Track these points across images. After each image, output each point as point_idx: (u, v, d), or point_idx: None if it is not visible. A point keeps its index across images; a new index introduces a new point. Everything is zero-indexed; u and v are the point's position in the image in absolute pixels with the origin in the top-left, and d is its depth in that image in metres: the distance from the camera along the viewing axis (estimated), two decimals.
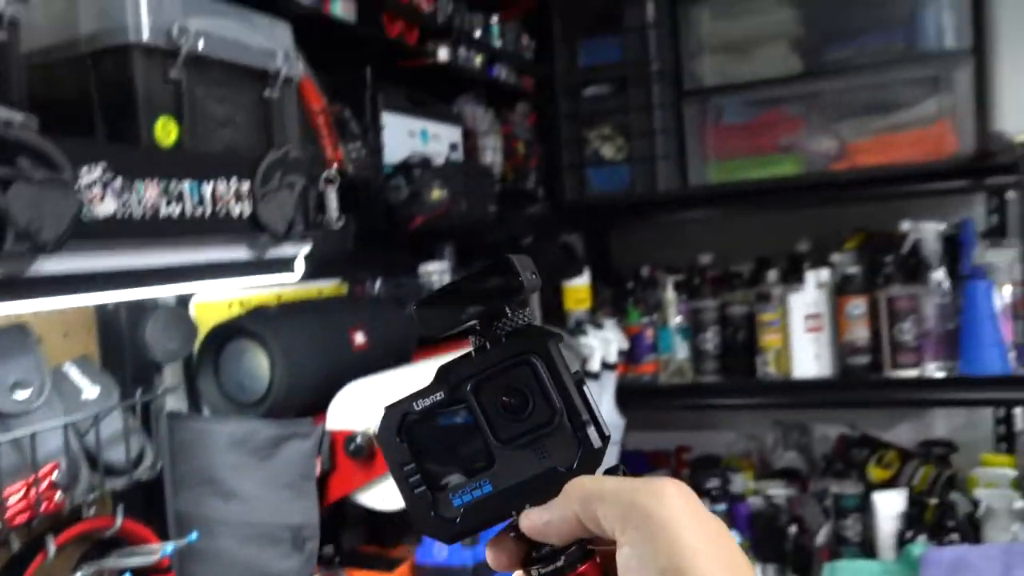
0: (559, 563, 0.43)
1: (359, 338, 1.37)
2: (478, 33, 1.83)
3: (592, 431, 0.44)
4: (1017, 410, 2.33)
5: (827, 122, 2.23)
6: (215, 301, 1.26)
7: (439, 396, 0.45)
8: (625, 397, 2.19)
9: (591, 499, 0.41)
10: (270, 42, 0.92)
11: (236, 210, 0.85)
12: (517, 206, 1.99)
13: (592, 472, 0.44)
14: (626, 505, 0.40)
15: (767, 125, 2.29)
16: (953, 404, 2.21)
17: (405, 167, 1.53)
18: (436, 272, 1.72)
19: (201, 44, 0.81)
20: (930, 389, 2.12)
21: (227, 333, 1.21)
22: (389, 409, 0.46)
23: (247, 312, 1.27)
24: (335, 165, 1.35)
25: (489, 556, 0.45)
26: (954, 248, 2.13)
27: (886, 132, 2.17)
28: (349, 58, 1.57)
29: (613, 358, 2.13)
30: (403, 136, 1.59)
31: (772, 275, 2.30)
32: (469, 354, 0.45)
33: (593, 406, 0.45)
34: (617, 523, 0.40)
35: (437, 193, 1.55)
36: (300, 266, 1.03)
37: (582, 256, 2.25)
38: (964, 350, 2.08)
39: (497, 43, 1.91)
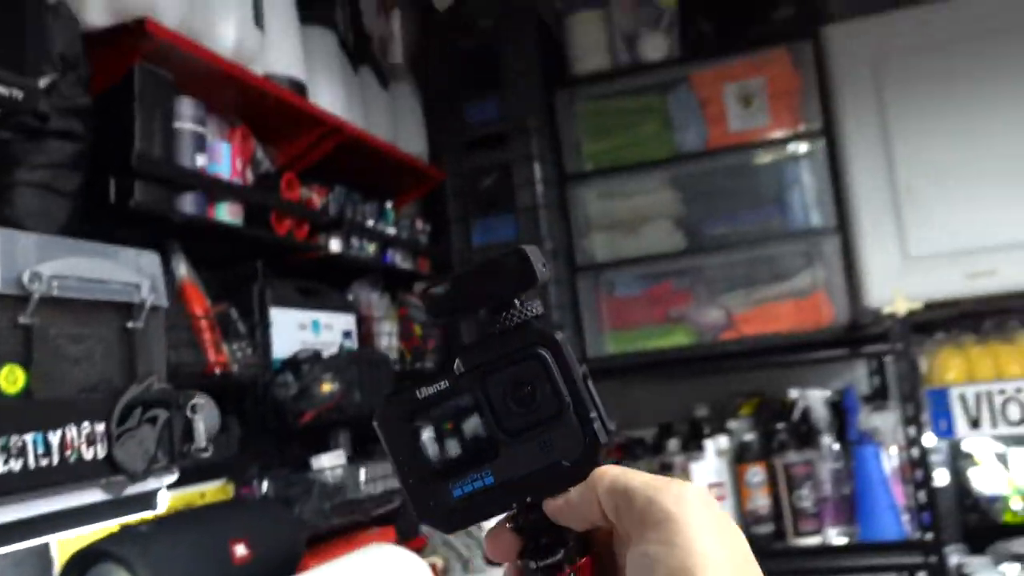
0: (558, 556, 0.43)
1: (240, 550, 1.30)
2: (371, 222, 1.87)
3: (598, 426, 0.43)
4: (920, 574, 2.35)
5: (713, 294, 2.34)
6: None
7: (444, 385, 0.44)
8: None
9: (616, 490, 0.41)
10: (135, 274, 0.92)
11: (88, 454, 0.81)
12: None
13: (595, 467, 0.42)
14: (648, 502, 0.40)
15: (658, 298, 2.38)
16: (856, 571, 2.23)
17: (293, 363, 1.51)
18: (330, 465, 1.67)
19: (56, 288, 0.81)
20: (833, 556, 2.13)
21: (88, 559, 1.13)
22: (391, 396, 0.44)
23: (114, 531, 1.20)
24: (217, 369, 1.33)
25: (487, 546, 0.44)
26: (840, 413, 2.21)
27: (767, 303, 2.29)
28: (238, 256, 1.58)
29: None
30: (293, 329, 1.59)
31: (673, 444, 2.32)
32: (475, 343, 0.44)
33: (598, 402, 0.44)
34: (636, 518, 0.40)
35: (327, 386, 1.53)
36: (163, 499, 0.98)
37: None
38: (861, 515, 2.12)
39: (391, 230, 1.95)
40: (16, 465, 0.73)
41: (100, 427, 0.83)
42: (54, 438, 0.77)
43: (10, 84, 0.83)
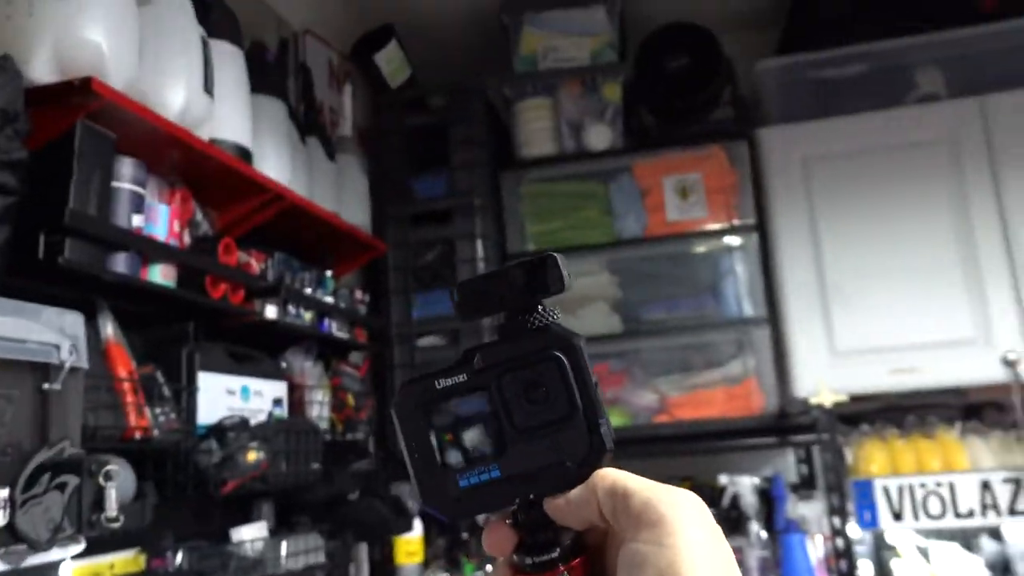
0: (553, 554, 0.44)
1: None
2: (309, 290, 1.86)
3: (605, 431, 0.45)
4: None
5: (647, 377, 2.37)
6: None
7: (462, 378, 0.45)
8: None
9: (615, 491, 0.42)
10: (56, 335, 0.90)
11: None
12: (344, 461, 1.94)
13: (597, 469, 0.44)
14: (644, 504, 0.41)
15: None
16: None
17: (219, 429, 1.47)
18: (250, 538, 1.61)
19: None
20: None
21: None
22: (410, 383, 0.45)
23: None
24: (138, 433, 1.29)
25: (485, 539, 0.45)
26: (769, 501, 2.24)
27: (700, 389, 2.33)
28: (170, 317, 1.55)
29: None
30: (221, 394, 1.55)
31: None
32: (495, 341, 0.45)
33: (604, 410, 0.45)
34: (632, 519, 0.41)
35: (253, 455, 1.50)
36: (67, 571, 0.94)
37: (413, 510, 2.19)
38: None
39: (329, 299, 1.95)
40: None
41: (3, 492, 0.79)
42: None
43: None
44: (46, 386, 0.88)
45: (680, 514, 0.41)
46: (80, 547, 0.88)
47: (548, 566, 0.44)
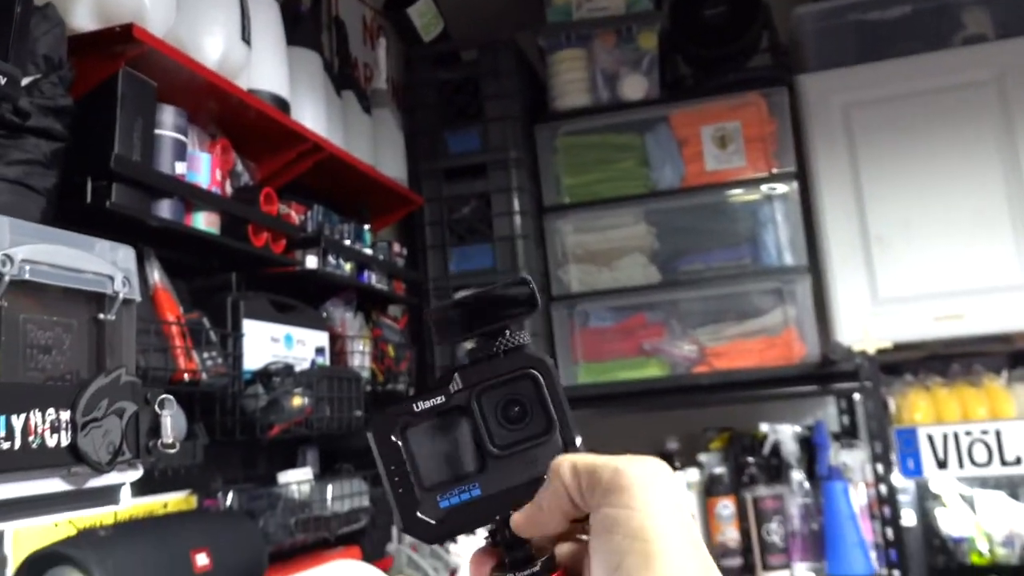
0: (535, 568, 0.44)
1: (202, 559, 1.27)
2: (348, 241, 1.88)
3: (580, 443, 0.46)
4: None
5: (686, 328, 2.36)
6: (39, 524, 1.16)
7: (440, 399, 0.46)
8: None
9: (580, 470, 0.42)
10: (109, 266, 0.92)
11: (52, 441, 0.80)
12: None
13: None
14: (614, 472, 0.41)
15: (631, 330, 2.40)
16: None
17: (264, 374, 1.50)
18: (297, 481, 1.65)
19: (27, 271, 0.80)
20: None
21: (45, 561, 1.11)
22: (388, 407, 0.46)
23: (73, 535, 1.17)
24: (187, 375, 1.32)
25: (471, 566, 0.46)
26: (810, 449, 2.23)
27: (740, 339, 2.31)
28: (214, 264, 1.58)
29: None
30: (265, 341, 1.58)
31: None
32: (472, 363, 0.46)
33: (577, 426, 0.46)
34: (603, 489, 0.41)
35: (298, 400, 1.52)
36: (126, 495, 0.97)
37: None
38: (829, 551, 2.12)
39: (368, 251, 1.96)
40: None
41: (65, 415, 0.82)
42: (17, 422, 0.76)
43: None
44: (101, 316, 0.91)
45: (649, 479, 0.41)
46: (138, 473, 0.91)
47: None
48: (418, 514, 0.45)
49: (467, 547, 1.97)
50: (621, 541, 0.40)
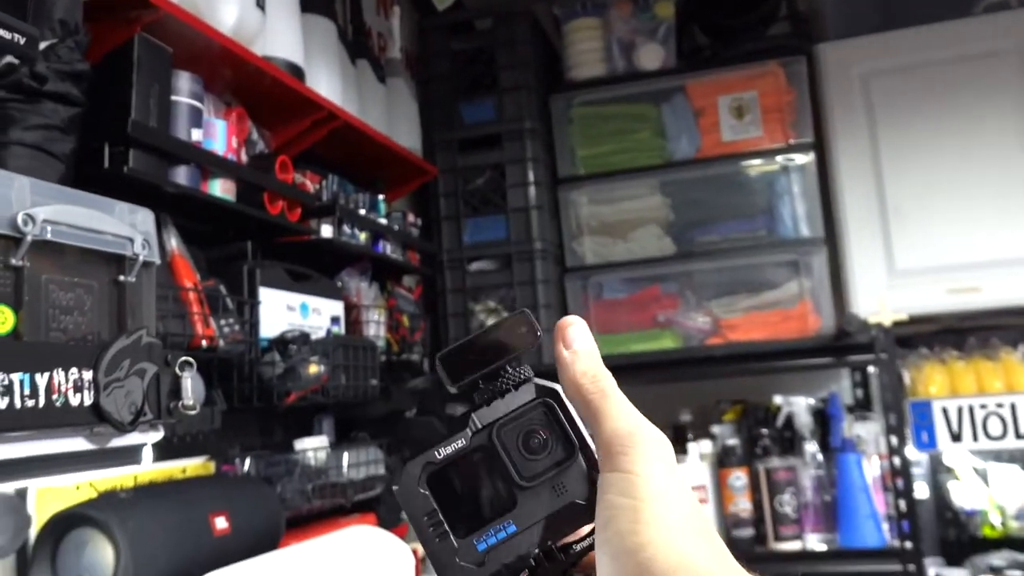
0: None
1: (221, 523, 1.29)
2: (363, 210, 1.88)
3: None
4: None
5: (700, 300, 2.36)
6: (60, 486, 1.18)
7: (461, 443, 0.46)
8: None
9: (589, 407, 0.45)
10: (128, 228, 0.92)
11: (75, 400, 0.81)
12: (401, 379, 1.98)
13: None
14: (616, 438, 0.43)
15: (645, 302, 2.39)
16: None
17: (281, 342, 1.51)
18: (313, 448, 1.66)
19: (49, 232, 0.81)
20: (812, 562, 2.13)
21: (67, 522, 1.12)
22: (409, 461, 0.46)
23: (94, 497, 1.19)
24: (204, 342, 1.33)
25: None
26: (824, 421, 2.22)
27: (754, 311, 2.30)
28: (229, 233, 1.58)
29: None
30: (281, 310, 1.59)
31: None
32: (482, 403, 0.47)
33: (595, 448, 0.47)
34: (605, 456, 0.43)
35: (314, 368, 1.53)
36: (147, 455, 0.98)
37: None
38: (841, 522, 2.13)
39: (383, 220, 1.96)
40: (2, 403, 0.73)
41: (88, 375, 0.83)
42: (41, 380, 0.77)
43: (12, 29, 0.84)
44: (121, 278, 0.91)
45: (648, 446, 0.42)
46: (159, 435, 0.92)
47: None
48: (458, 561, 0.45)
49: None
50: (614, 499, 0.41)
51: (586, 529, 0.45)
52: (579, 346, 0.47)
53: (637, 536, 0.39)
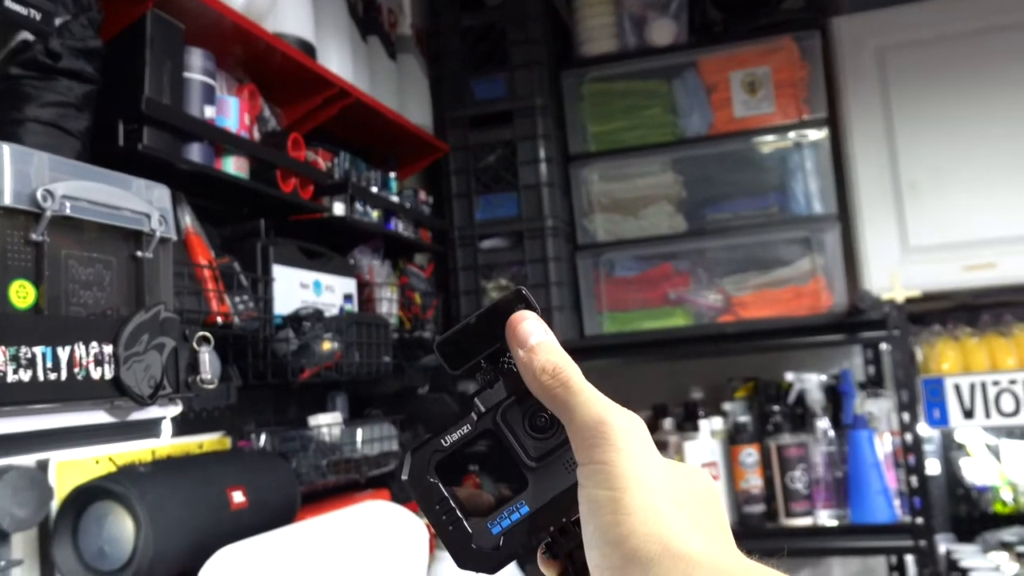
0: None
1: (238, 497, 1.31)
2: (375, 188, 1.88)
3: None
4: (908, 557, 2.37)
5: (712, 278, 2.35)
6: (80, 459, 1.19)
7: (467, 429, 0.46)
8: None
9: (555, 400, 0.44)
10: (145, 205, 0.92)
11: (96, 374, 0.82)
12: (414, 356, 1.99)
13: None
14: (593, 424, 0.42)
15: (657, 279, 2.39)
16: (846, 552, 2.24)
17: (295, 319, 1.52)
18: (327, 424, 1.68)
19: (68, 207, 0.81)
20: (823, 537, 2.14)
21: (88, 495, 1.14)
22: (417, 450, 0.46)
23: (114, 471, 1.20)
24: (219, 318, 1.34)
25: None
26: (836, 398, 2.22)
27: (766, 288, 2.30)
28: (242, 211, 1.59)
29: None
30: (295, 287, 1.59)
31: (668, 423, 2.34)
32: (484, 386, 0.47)
33: None
34: (583, 445, 0.42)
35: (327, 345, 1.54)
36: (167, 429, 0.99)
37: None
38: (853, 498, 2.13)
39: (395, 198, 1.96)
40: (25, 376, 0.74)
41: (108, 348, 0.83)
42: (63, 354, 0.78)
43: (28, 4, 0.84)
44: (139, 254, 0.92)
45: (625, 431, 0.42)
46: (178, 409, 0.93)
47: None
48: (473, 547, 0.45)
49: None
50: (593, 491, 0.41)
51: None
52: (534, 340, 0.45)
53: (620, 527, 0.39)
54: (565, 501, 0.45)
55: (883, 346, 2.44)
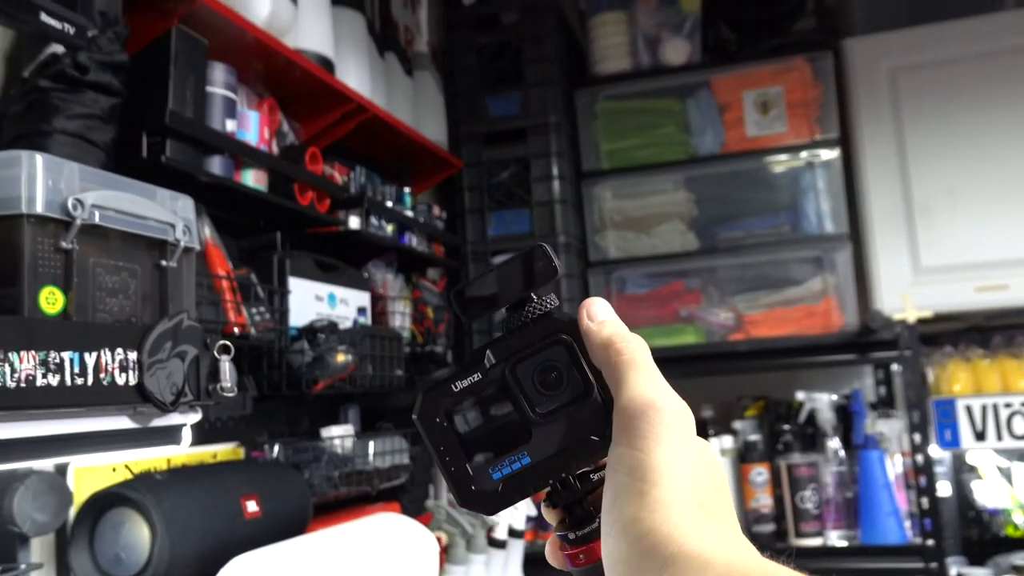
0: (594, 525, 0.45)
1: (252, 506, 1.31)
2: (390, 203, 1.90)
3: None
4: None
5: (724, 296, 2.36)
6: (98, 466, 1.21)
7: (477, 377, 0.47)
8: (533, 566, 2.13)
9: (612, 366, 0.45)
10: (170, 215, 0.94)
11: (121, 379, 0.83)
12: (425, 370, 2.00)
13: None
14: (632, 409, 0.42)
15: (668, 297, 2.40)
16: (856, 574, 2.23)
17: (310, 331, 1.53)
18: (339, 436, 1.69)
19: (97, 216, 0.83)
20: (833, 558, 2.13)
21: (105, 501, 1.15)
22: (428, 392, 0.47)
23: (130, 478, 1.22)
24: (236, 329, 1.35)
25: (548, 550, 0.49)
26: (847, 418, 2.22)
27: (778, 307, 2.30)
28: (260, 223, 1.61)
29: (521, 525, 2.09)
30: (310, 300, 1.61)
31: None
32: (501, 336, 0.48)
33: None
34: (620, 426, 0.43)
35: (341, 357, 1.55)
36: (187, 436, 1.00)
37: None
38: (863, 519, 2.13)
39: (409, 213, 1.98)
40: (53, 380, 0.75)
41: (132, 355, 0.85)
42: (90, 360, 0.79)
43: (63, 19, 0.86)
44: (163, 263, 0.93)
45: (659, 419, 0.42)
46: (198, 416, 0.95)
47: (590, 537, 0.46)
48: (473, 488, 0.46)
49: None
50: (622, 479, 0.41)
51: (603, 461, 0.46)
52: (604, 316, 0.46)
53: (642, 523, 0.39)
54: (567, 456, 0.46)
55: (894, 366, 2.44)
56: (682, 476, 0.40)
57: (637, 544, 0.39)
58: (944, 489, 2.34)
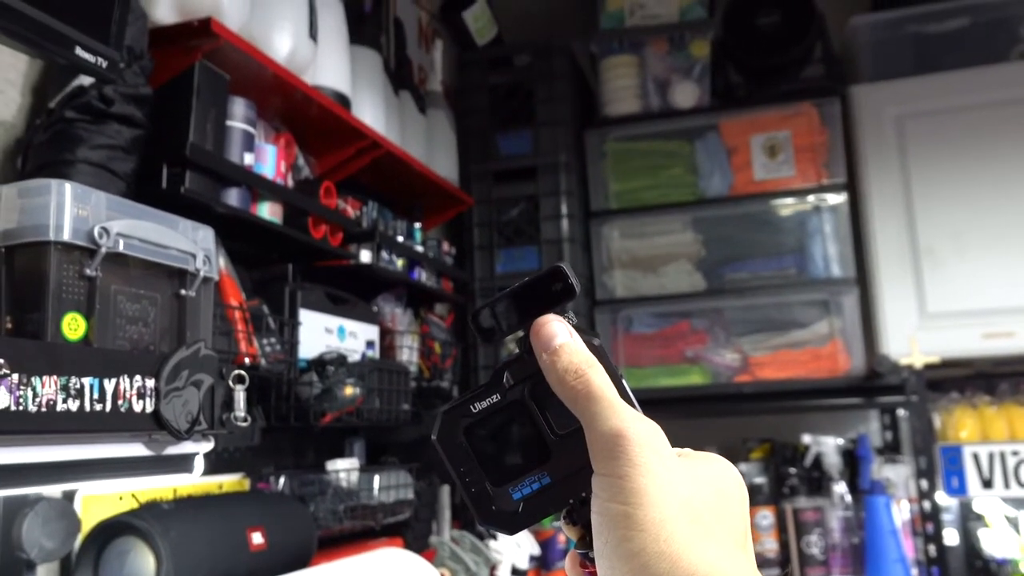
0: None
1: (257, 538, 1.31)
2: (401, 238, 1.92)
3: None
4: None
5: (730, 337, 2.36)
6: (104, 494, 1.20)
7: (496, 398, 0.47)
8: None
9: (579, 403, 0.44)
10: (191, 244, 0.96)
11: (138, 406, 0.84)
12: (431, 405, 2.00)
13: None
14: (611, 437, 0.42)
15: (674, 337, 2.41)
16: None
17: (319, 363, 1.54)
18: (344, 469, 1.68)
19: (121, 245, 0.84)
20: None
21: (111, 530, 1.15)
22: (448, 413, 0.48)
23: (137, 507, 1.21)
24: (247, 359, 1.36)
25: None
26: (853, 462, 2.21)
27: (784, 349, 2.31)
28: (273, 255, 1.62)
29: (524, 564, 2.08)
30: (320, 332, 1.62)
31: None
32: (520, 356, 0.47)
33: (633, 398, 0.47)
34: (599, 455, 0.43)
35: (350, 390, 1.56)
36: (199, 465, 1.01)
37: None
38: (869, 565, 2.10)
39: (419, 248, 1.99)
40: (73, 405, 0.76)
41: (150, 383, 0.86)
42: (109, 386, 0.80)
43: (96, 53, 0.89)
44: (183, 292, 0.94)
45: (643, 443, 0.42)
46: (210, 445, 0.95)
47: None
48: (494, 508, 0.47)
49: (507, 544, 1.99)
50: (606, 504, 0.41)
51: None
52: (558, 342, 0.45)
53: (630, 543, 0.40)
54: (587, 475, 0.46)
55: (900, 411, 2.43)
56: (667, 495, 0.41)
57: (629, 563, 0.40)
58: (951, 537, 2.32)
